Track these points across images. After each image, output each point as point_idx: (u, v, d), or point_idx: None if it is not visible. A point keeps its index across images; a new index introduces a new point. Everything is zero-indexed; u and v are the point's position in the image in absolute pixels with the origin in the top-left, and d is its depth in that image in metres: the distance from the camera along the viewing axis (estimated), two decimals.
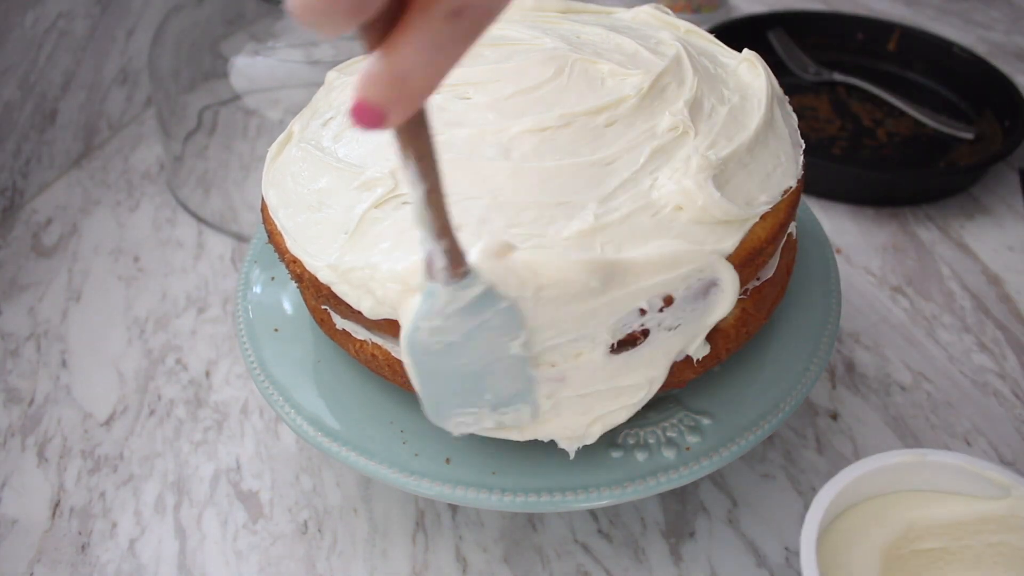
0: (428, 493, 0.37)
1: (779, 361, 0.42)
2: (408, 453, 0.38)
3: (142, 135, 0.77)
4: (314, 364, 0.43)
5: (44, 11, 0.66)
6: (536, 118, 0.35)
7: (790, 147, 0.39)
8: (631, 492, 0.37)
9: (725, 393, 0.40)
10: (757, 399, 0.40)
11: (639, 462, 0.37)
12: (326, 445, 0.39)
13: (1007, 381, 0.53)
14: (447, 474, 0.37)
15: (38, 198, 0.69)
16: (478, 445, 0.38)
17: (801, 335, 0.43)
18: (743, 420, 0.39)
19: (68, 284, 0.61)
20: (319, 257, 0.35)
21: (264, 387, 0.42)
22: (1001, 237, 0.65)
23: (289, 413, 0.41)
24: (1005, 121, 0.71)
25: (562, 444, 0.36)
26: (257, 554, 0.44)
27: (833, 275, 0.46)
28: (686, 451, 0.38)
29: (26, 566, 0.44)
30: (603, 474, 0.37)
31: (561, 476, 0.37)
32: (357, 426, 0.40)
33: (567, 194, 0.33)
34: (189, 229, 0.66)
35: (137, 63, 0.76)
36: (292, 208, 0.38)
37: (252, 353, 0.43)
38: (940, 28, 0.89)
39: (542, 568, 0.44)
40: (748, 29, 0.83)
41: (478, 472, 0.37)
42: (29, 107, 0.67)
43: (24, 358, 0.55)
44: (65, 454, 0.49)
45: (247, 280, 0.47)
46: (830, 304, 0.45)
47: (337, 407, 0.41)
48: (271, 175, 0.40)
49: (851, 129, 0.74)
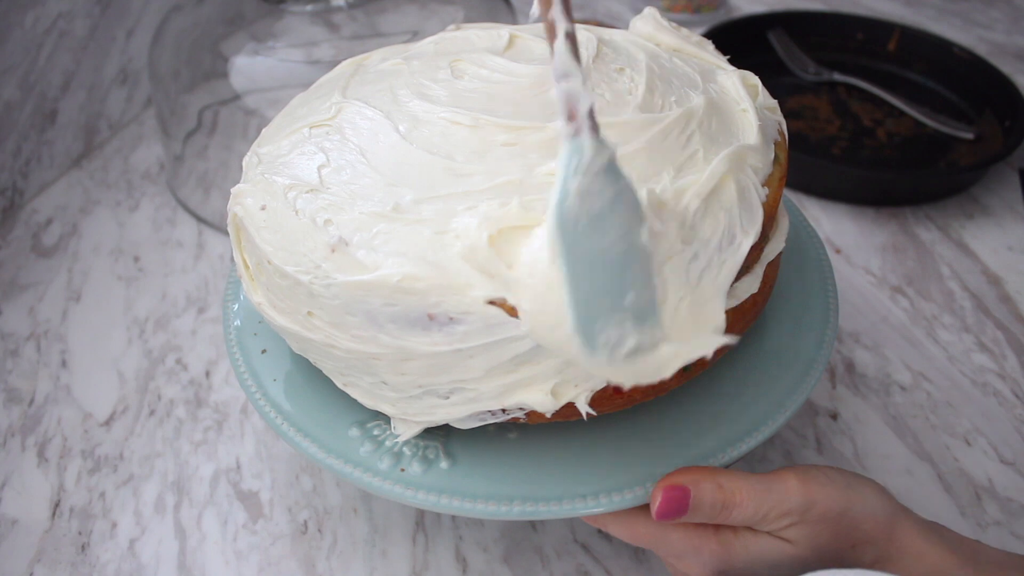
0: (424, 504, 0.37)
1: (780, 362, 0.41)
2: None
3: (142, 135, 0.77)
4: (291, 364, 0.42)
5: (44, 11, 0.66)
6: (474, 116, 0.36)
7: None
8: (630, 500, 0.36)
9: (724, 397, 0.40)
10: (758, 400, 0.40)
11: (637, 466, 0.37)
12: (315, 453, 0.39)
13: (1007, 381, 0.53)
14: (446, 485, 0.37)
15: (38, 198, 0.69)
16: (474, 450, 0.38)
17: (801, 336, 0.43)
18: (745, 423, 0.39)
19: (68, 284, 0.61)
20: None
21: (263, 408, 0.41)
22: (1001, 237, 0.65)
23: (281, 425, 0.40)
24: (1005, 121, 0.71)
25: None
26: (257, 554, 0.44)
27: (828, 274, 0.46)
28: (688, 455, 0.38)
29: (26, 566, 0.44)
30: (598, 481, 0.36)
31: (558, 484, 0.37)
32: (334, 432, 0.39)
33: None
34: (189, 229, 0.66)
35: (137, 63, 0.76)
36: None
37: (242, 362, 0.43)
38: (940, 28, 0.89)
39: (542, 568, 0.44)
40: (748, 29, 0.83)
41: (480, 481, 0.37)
42: (29, 107, 0.67)
43: (24, 358, 0.55)
44: (65, 454, 0.49)
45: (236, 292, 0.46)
46: (828, 303, 0.44)
47: (309, 409, 0.40)
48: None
49: (851, 129, 0.74)
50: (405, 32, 0.67)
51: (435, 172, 0.34)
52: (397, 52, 0.45)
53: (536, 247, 0.30)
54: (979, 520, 0.45)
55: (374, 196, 0.34)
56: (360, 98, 0.39)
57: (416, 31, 0.67)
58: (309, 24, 0.66)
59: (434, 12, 0.71)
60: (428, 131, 0.36)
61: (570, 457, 0.37)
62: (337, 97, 0.40)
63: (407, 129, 0.36)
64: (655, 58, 0.40)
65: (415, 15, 0.70)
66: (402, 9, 0.69)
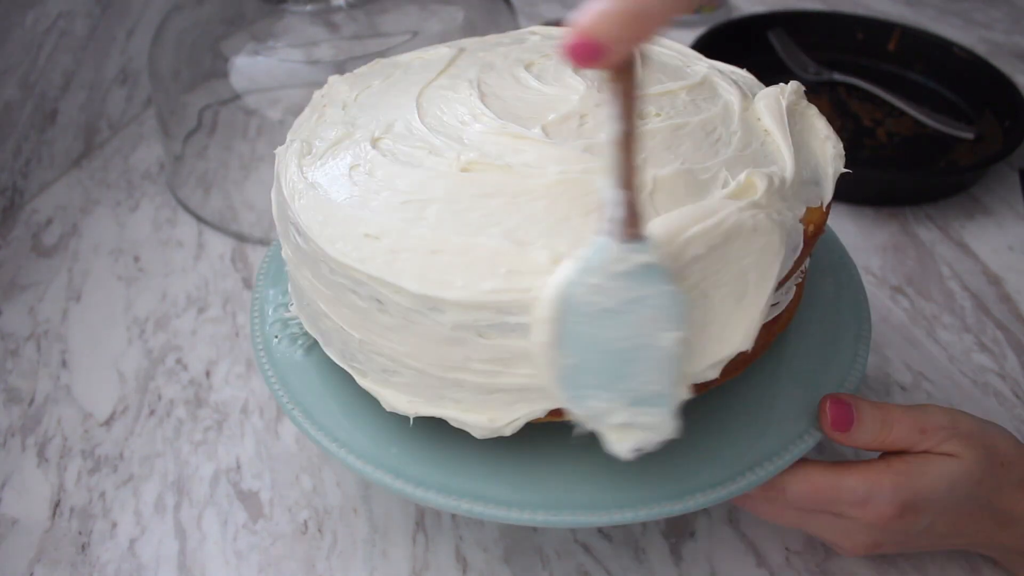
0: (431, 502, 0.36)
1: (807, 383, 0.40)
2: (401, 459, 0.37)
3: (142, 135, 0.77)
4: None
5: (44, 11, 0.66)
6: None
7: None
8: (656, 511, 0.35)
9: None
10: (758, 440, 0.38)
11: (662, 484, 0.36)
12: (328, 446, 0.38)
13: (1007, 381, 0.53)
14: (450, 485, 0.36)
15: (38, 198, 0.69)
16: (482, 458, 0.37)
17: (830, 348, 0.42)
18: (755, 453, 0.37)
19: (68, 284, 0.61)
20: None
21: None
22: (1001, 237, 0.65)
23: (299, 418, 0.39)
24: (1005, 121, 0.71)
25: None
26: (257, 554, 0.44)
27: (861, 293, 0.45)
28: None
29: (26, 566, 0.44)
30: (615, 493, 0.36)
31: (568, 492, 0.36)
32: (357, 428, 0.39)
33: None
34: (189, 229, 0.66)
35: (137, 63, 0.77)
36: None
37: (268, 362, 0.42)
38: (940, 28, 0.89)
39: (542, 568, 0.44)
40: (748, 29, 0.83)
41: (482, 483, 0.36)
42: (29, 107, 0.67)
43: (24, 358, 0.55)
44: (65, 454, 0.49)
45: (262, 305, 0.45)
46: (861, 317, 0.43)
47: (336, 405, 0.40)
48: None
49: (851, 129, 0.74)
50: (405, 32, 0.67)
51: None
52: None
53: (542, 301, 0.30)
54: None
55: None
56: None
57: (416, 31, 0.67)
58: (309, 24, 0.66)
59: (434, 12, 0.71)
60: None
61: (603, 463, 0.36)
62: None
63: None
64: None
65: (415, 15, 0.70)
66: (402, 9, 0.69)
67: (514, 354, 0.32)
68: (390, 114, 0.39)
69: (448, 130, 0.37)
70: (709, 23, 0.87)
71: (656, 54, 0.43)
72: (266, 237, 0.64)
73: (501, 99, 0.38)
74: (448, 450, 0.37)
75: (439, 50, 0.44)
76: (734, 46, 0.79)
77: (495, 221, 0.33)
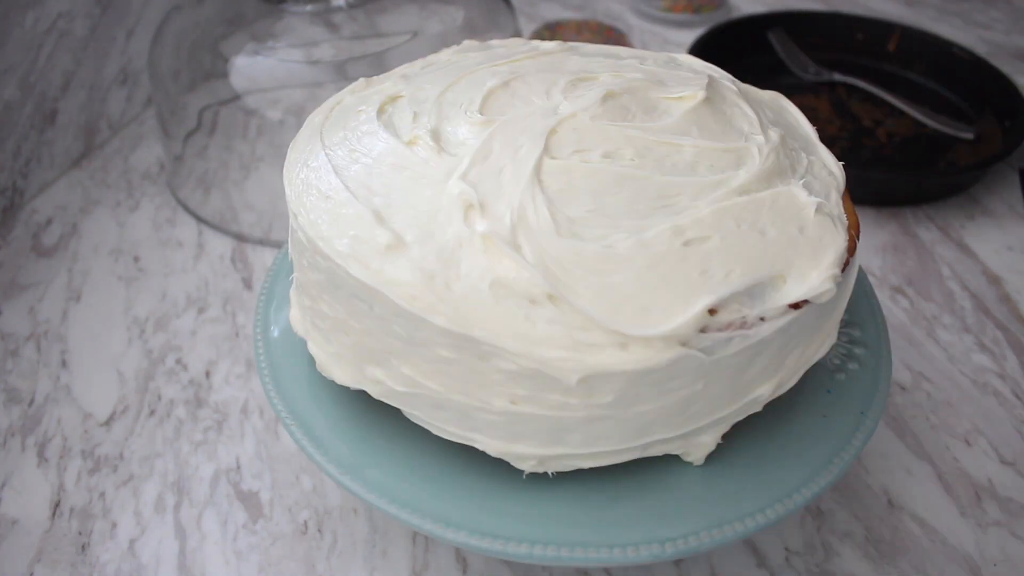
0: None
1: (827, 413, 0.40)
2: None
3: (142, 135, 0.77)
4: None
5: (44, 11, 0.66)
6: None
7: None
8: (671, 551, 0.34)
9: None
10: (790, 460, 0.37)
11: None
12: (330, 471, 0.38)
13: (1007, 381, 0.53)
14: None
15: (38, 198, 0.69)
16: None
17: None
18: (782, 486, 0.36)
19: (68, 284, 0.61)
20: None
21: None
22: (1001, 237, 0.65)
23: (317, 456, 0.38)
24: (1005, 121, 0.71)
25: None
26: (257, 554, 0.44)
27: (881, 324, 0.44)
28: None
29: (26, 566, 0.44)
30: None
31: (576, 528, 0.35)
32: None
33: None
34: (189, 229, 0.66)
35: (137, 63, 0.77)
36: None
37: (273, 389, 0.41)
38: (940, 28, 0.89)
39: (542, 568, 0.44)
40: (748, 29, 0.83)
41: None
42: (29, 107, 0.67)
43: (24, 358, 0.55)
44: (65, 454, 0.49)
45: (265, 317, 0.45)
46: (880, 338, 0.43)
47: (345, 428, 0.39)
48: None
49: (851, 129, 0.74)
50: (405, 32, 0.67)
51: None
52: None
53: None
54: (979, 520, 0.45)
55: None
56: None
57: (416, 31, 0.67)
58: (309, 24, 0.66)
59: (434, 12, 0.71)
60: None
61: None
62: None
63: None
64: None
65: (415, 15, 0.70)
66: (402, 9, 0.69)
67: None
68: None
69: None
70: (709, 23, 0.87)
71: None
72: (266, 237, 0.64)
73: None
74: (457, 478, 0.36)
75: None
76: (734, 46, 0.79)
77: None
